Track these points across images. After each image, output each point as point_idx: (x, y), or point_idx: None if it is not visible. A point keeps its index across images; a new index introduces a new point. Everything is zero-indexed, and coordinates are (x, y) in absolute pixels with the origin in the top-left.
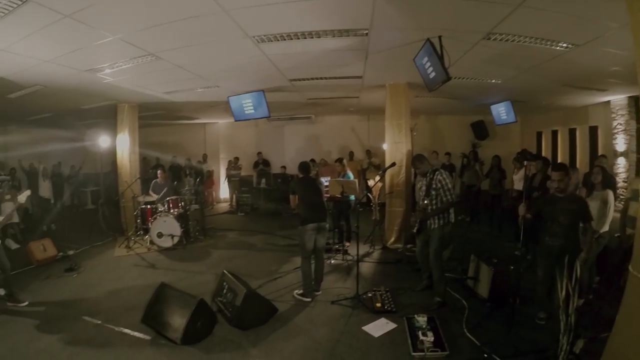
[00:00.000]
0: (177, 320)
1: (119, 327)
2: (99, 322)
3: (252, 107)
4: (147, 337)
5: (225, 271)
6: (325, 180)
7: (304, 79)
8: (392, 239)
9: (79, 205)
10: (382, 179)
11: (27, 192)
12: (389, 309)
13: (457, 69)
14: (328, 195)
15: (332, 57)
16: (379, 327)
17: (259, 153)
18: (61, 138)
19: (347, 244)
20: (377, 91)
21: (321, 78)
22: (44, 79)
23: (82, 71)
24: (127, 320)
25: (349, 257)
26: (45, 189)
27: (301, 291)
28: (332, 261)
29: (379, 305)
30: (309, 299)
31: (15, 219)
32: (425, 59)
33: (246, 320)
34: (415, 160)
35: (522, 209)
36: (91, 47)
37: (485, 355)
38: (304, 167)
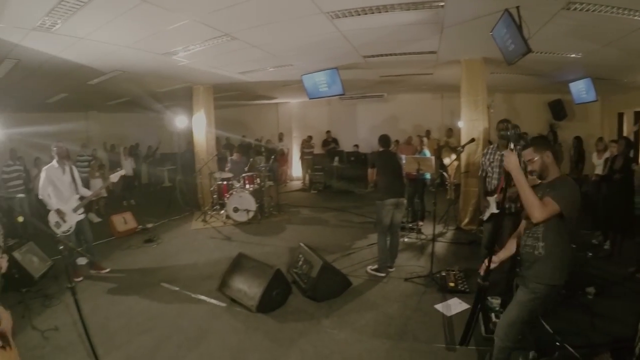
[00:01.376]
0: (254, 289)
1: (195, 294)
2: (177, 289)
3: (326, 85)
4: (223, 305)
5: (301, 243)
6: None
7: (377, 55)
8: (467, 220)
9: (157, 183)
10: (457, 158)
11: (122, 172)
12: (462, 289)
13: (535, 43)
14: (404, 172)
15: (406, 31)
16: (451, 307)
17: (328, 132)
18: (138, 121)
19: (421, 223)
20: (451, 67)
21: (395, 54)
22: (122, 64)
23: (159, 54)
24: (204, 288)
25: (423, 236)
26: (128, 167)
27: (375, 266)
28: (406, 239)
29: (452, 284)
30: (382, 274)
31: (104, 194)
32: (504, 30)
33: (320, 292)
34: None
35: None
36: (168, 30)
37: (557, 344)
38: (385, 140)
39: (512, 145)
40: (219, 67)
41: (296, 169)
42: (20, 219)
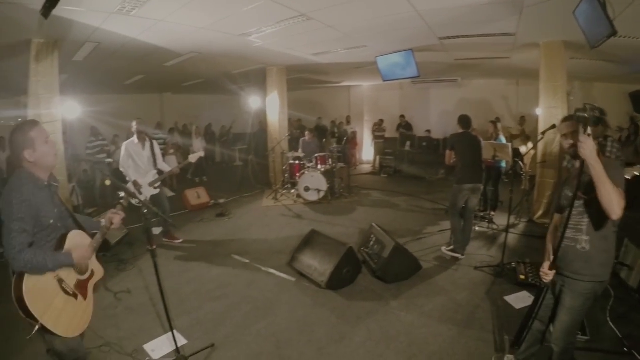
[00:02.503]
0: (324, 265)
1: (266, 267)
2: (247, 261)
3: (400, 67)
4: (292, 279)
5: (373, 224)
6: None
7: (453, 37)
8: (540, 213)
9: (229, 162)
10: (535, 147)
11: (201, 154)
12: (533, 282)
13: (620, 25)
14: None
15: (484, 11)
16: (520, 300)
17: (402, 116)
18: (212, 102)
19: (493, 212)
20: (529, 51)
21: (471, 36)
22: (198, 45)
23: (235, 36)
24: (274, 262)
25: (494, 226)
26: (198, 146)
27: (451, 247)
28: (477, 228)
29: (522, 277)
30: (459, 255)
31: (177, 171)
32: (587, 10)
33: (390, 273)
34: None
35: None
36: (244, 11)
37: (625, 349)
38: (465, 120)
39: (589, 130)
40: (293, 48)
41: (366, 153)
42: (108, 182)
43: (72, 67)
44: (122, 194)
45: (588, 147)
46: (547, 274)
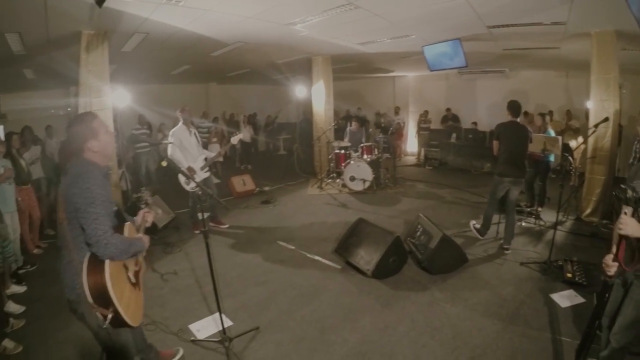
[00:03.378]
0: (371, 254)
1: (311, 254)
2: (293, 247)
3: (448, 57)
4: (337, 266)
5: (420, 214)
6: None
7: (502, 26)
8: (588, 211)
9: (273, 151)
10: (585, 141)
11: (240, 135)
12: (580, 281)
13: None
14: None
15: None
16: (566, 298)
17: (448, 109)
18: (256, 92)
19: (540, 208)
20: (580, 41)
21: (521, 25)
22: (245, 35)
23: (282, 25)
24: (319, 249)
25: (541, 222)
26: (246, 134)
27: (479, 226)
28: (523, 223)
29: (569, 275)
30: (480, 237)
31: (220, 159)
32: None
33: (436, 264)
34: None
35: None
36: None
37: None
38: (514, 106)
39: (629, 210)
40: (338, 38)
41: (411, 144)
42: (164, 163)
43: (120, 57)
44: (143, 189)
45: (630, 227)
46: (610, 266)
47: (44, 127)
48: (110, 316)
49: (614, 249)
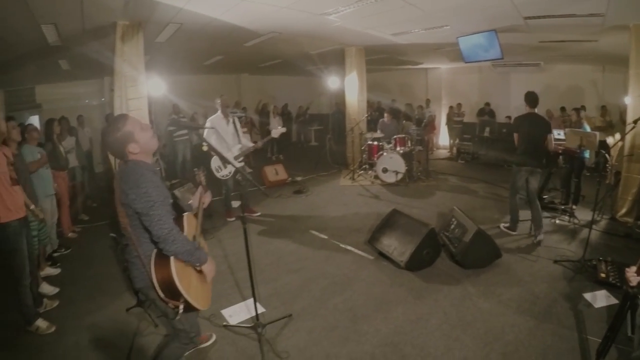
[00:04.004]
0: (405, 245)
1: (344, 244)
2: (325, 237)
3: (483, 49)
4: (370, 257)
5: (455, 207)
6: (557, 133)
7: (539, 17)
8: (624, 211)
9: (304, 142)
10: (622, 138)
11: (282, 129)
12: (614, 282)
13: None
14: (562, 147)
15: None
16: (599, 298)
17: (487, 104)
18: (288, 83)
19: (574, 206)
20: (618, 34)
21: (558, 16)
22: (279, 25)
23: (316, 15)
24: (352, 240)
25: (575, 220)
26: (275, 125)
27: (508, 224)
28: (557, 221)
29: (603, 275)
30: (514, 232)
31: (259, 146)
32: None
33: (470, 258)
34: None
35: None
36: None
37: None
38: (531, 97)
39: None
40: (372, 28)
41: (443, 137)
42: (205, 147)
43: (154, 48)
44: (196, 170)
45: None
46: (632, 279)
47: (76, 117)
48: (181, 306)
49: None
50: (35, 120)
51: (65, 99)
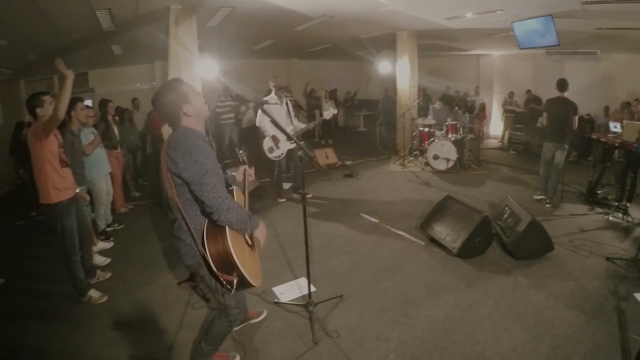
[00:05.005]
0: (457, 232)
1: (395, 229)
2: (376, 221)
3: (539, 34)
4: (421, 243)
5: (509, 196)
6: (614, 126)
7: (597, 2)
8: None
9: (352, 127)
10: None
11: (334, 111)
12: None
13: None
14: (619, 141)
15: None
16: None
17: (528, 91)
18: (337, 68)
19: (629, 203)
20: None
21: (618, 1)
22: (330, 8)
23: None
24: (403, 225)
25: (629, 218)
26: (328, 109)
27: (541, 196)
28: (611, 217)
29: None
30: (548, 205)
31: (312, 127)
32: None
33: (522, 248)
34: None
35: None
36: None
37: None
38: (561, 84)
39: None
40: (424, 12)
41: (494, 127)
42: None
43: (205, 32)
44: (241, 151)
45: None
46: None
47: (128, 100)
48: (235, 281)
49: None
50: (88, 104)
51: (117, 83)
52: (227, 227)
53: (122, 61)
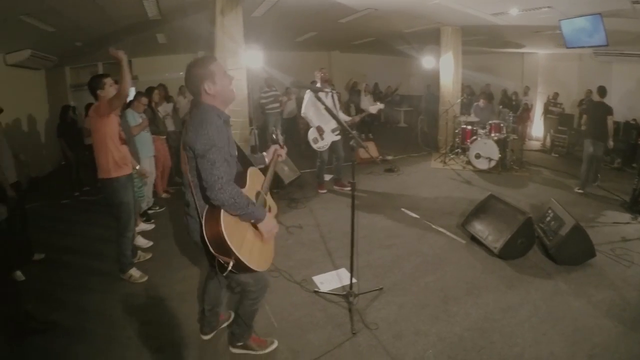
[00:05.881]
0: (500, 232)
1: (436, 226)
2: (417, 216)
3: (587, 34)
4: (462, 241)
5: (552, 199)
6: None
7: None
8: None
9: (392, 123)
10: None
11: (380, 106)
12: None
13: None
14: None
15: None
16: None
17: (589, 90)
18: (378, 62)
19: None
20: None
21: None
22: (377, 1)
23: None
24: (444, 222)
25: None
26: (366, 103)
27: (581, 190)
28: None
29: None
30: (582, 191)
31: (357, 120)
32: None
33: (564, 253)
34: None
35: None
36: None
37: None
38: (601, 90)
39: None
40: (471, 7)
41: (536, 128)
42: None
43: (249, 23)
44: (277, 130)
45: None
46: None
47: (170, 88)
48: (232, 263)
49: None
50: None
51: (160, 71)
52: (222, 210)
53: (165, 50)
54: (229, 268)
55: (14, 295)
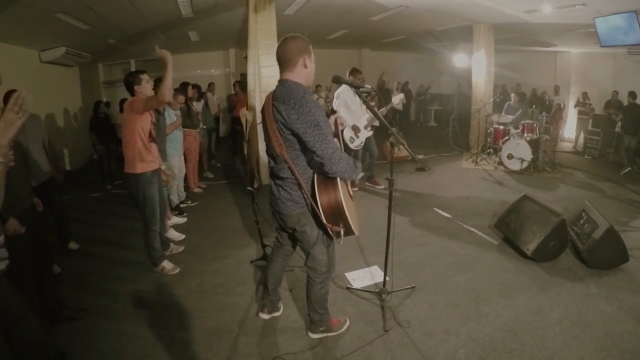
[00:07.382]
0: (533, 233)
1: (468, 225)
2: (449, 216)
3: (622, 32)
4: (494, 242)
5: (586, 201)
6: None
7: None
8: None
9: (423, 122)
10: None
11: (401, 96)
12: None
13: None
14: None
15: None
16: None
17: (615, 91)
18: (408, 60)
19: None
20: None
21: None
22: None
23: None
24: (476, 222)
25: None
26: (397, 100)
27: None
28: None
29: None
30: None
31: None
32: None
33: (596, 257)
34: None
35: None
36: None
37: None
38: (633, 94)
39: None
40: (503, 4)
41: (568, 130)
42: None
43: (280, 21)
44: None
45: None
46: None
47: (201, 85)
48: (342, 231)
49: None
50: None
51: (190, 68)
52: (338, 179)
53: (197, 47)
54: (342, 237)
55: (51, 282)
